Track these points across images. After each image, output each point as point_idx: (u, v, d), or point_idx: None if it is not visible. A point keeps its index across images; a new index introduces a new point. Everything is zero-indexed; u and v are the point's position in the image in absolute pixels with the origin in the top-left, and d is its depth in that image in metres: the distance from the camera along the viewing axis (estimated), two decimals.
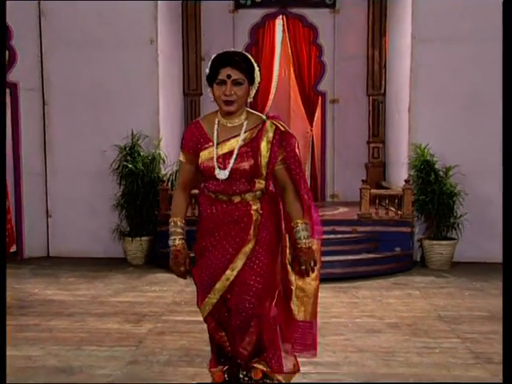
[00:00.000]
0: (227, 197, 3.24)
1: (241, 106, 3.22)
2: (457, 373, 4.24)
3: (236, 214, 3.26)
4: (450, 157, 7.71)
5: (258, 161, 3.18)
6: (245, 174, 3.20)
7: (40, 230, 8.33)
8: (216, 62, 3.19)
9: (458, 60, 7.84)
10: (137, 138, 7.93)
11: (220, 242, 3.29)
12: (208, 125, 3.31)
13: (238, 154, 3.18)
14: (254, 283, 3.26)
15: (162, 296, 6.34)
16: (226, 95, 3.14)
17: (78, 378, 4.15)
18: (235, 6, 9.89)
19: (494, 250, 7.75)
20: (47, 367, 4.35)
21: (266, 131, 3.21)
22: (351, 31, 9.94)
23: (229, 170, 3.18)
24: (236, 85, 3.14)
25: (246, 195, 3.24)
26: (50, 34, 8.17)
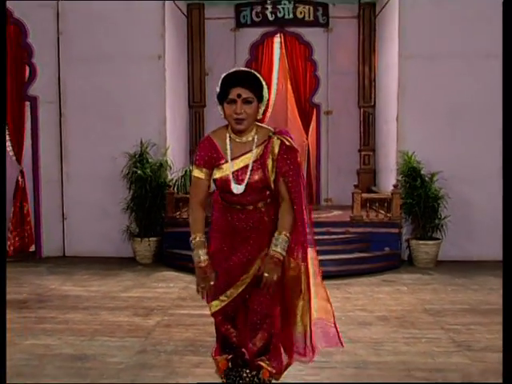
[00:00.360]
0: (241, 206, 3.19)
1: (250, 124, 3.14)
2: (440, 360, 4.27)
3: (251, 221, 3.21)
4: (435, 163, 7.72)
5: (266, 175, 3.13)
6: (257, 186, 3.15)
7: (56, 232, 8.35)
8: (226, 82, 3.10)
9: (440, 75, 7.87)
10: (145, 146, 7.95)
11: (239, 247, 3.25)
12: (220, 141, 3.23)
13: (251, 169, 3.13)
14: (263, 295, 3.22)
15: (168, 292, 6.36)
16: (236, 114, 3.06)
17: (92, 364, 4.19)
18: (236, 25, 9.93)
19: (474, 249, 7.88)
20: (64, 355, 4.39)
21: (272, 147, 3.12)
22: (343, 48, 9.97)
23: (244, 184, 3.12)
24: (246, 103, 3.06)
25: (258, 204, 3.20)
26: (66, 52, 8.22)
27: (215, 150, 3.20)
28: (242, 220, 3.22)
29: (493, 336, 4.79)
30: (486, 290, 6.40)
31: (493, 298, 6.05)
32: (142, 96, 8.13)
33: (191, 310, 5.61)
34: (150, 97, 8.15)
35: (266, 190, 3.18)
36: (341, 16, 9.85)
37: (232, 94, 3.04)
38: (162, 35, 8.13)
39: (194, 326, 5.07)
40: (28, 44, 7.98)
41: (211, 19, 9.85)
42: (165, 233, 7.94)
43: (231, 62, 9.95)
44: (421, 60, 7.89)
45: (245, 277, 3.25)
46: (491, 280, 6.84)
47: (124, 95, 8.14)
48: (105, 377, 3.95)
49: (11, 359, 4.26)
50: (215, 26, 9.86)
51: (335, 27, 9.88)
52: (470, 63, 7.82)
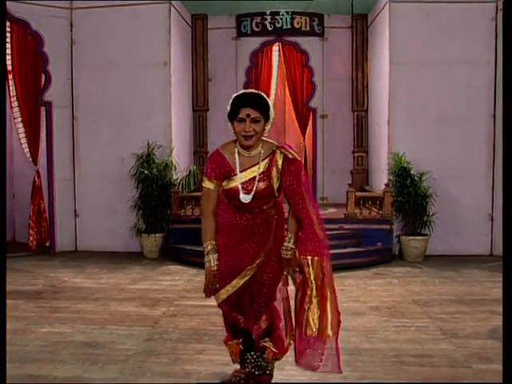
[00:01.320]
0: (249, 209, 3.30)
1: (258, 140, 3.24)
2: (428, 346, 4.30)
3: (258, 220, 3.33)
4: (424, 164, 7.74)
5: (271, 185, 3.24)
6: (263, 195, 3.26)
7: (69, 228, 8.37)
8: (237, 102, 3.21)
9: (429, 81, 7.90)
10: (152, 147, 7.97)
11: (246, 241, 3.34)
12: (229, 155, 3.31)
13: (258, 180, 3.24)
14: (273, 277, 3.37)
15: (173, 284, 6.38)
16: (245, 131, 3.17)
17: (102, 351, 4.22)
18: (238, 34, 9.93)
19: (460, 244, 7.91)
20: (76, 342, 4.42)
21: (276, 160, 3.24)
22: (338, 56, 9.98)
23: (252, 194, 3.23)
24: (254, 122, 3.17)
25: (263, 207, 3.32)
26: (79, 60, 8.25)
27: (225, 164, 3.29)
28: (249, 219, 3.33)
29: (476, 324, 4.84)
30: (470, 282, 6.42)
31: (477, 289, 6.09)
32: (148, 100, 8.15)
33: (195, 301, 5.63)
34: (156, 101, 8.17)
35: (270, 197, 3.29)
36: (335, 26, 9.87)
37: (242, 114, 3.16)
38: (168, 43, 8.14)
39: (197, 316, 5.09)
40: (44, 53, 7.99)
41: (214, 29, 9.87)
42: (170, 229, 7.96)
43: (233, 69, 10.00)
44: (410, 67, 7.91)
45: (249, 268, 3.33)
46: (476, 273, 6.88)
47: (132, 100, 8.16)
48: (114, 362, 3.97)
49: (28, 345, 4.33)
50: (218, 35, 9.87)
51: (330, 36, 9.89)
52: (455, 70, 7.84)
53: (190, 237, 7.68)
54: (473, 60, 7.78)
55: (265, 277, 3.37)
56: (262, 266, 3.35)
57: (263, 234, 3.34)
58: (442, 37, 7.81)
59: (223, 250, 3.36)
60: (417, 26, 7.86)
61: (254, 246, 3.34)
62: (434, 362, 3.99)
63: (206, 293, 3.39)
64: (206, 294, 3.40)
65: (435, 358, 4.05)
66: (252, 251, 3.34)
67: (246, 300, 3.45)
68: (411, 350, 4.22)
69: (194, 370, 3.86)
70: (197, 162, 9.85)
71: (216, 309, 5.17)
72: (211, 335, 4.58)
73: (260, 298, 3.41)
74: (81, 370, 3.84)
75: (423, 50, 7.88)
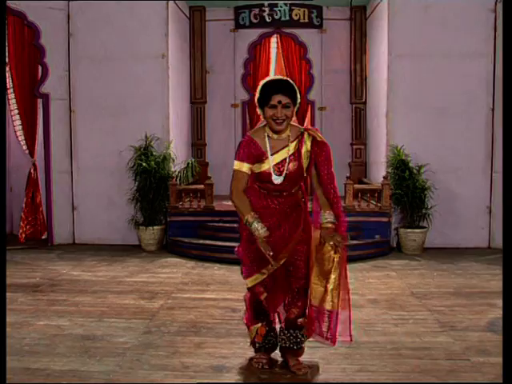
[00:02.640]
0: (280, 192, 3.51)
1: (288, 124, 3.44)
2: (426, 339, 4.30)
3: (289, 204, 3.54)
4: (422, 156, 7.73)
5: (301, 165, 3.46)
6: (294, 175, 3.47)
7: (67, 221, 8.33)
8: (268, 89, 3.39)
9: (427, 73, 7.86)
10: (150, 140, 7.95)
11: (279, 226, 3.51)
12: (260, 140, 3.49)
13: (288, 162, 3.45)
14: (302, 256, 3.54)
15: (171, 277, 6.37)
16: (277, 117, 3.36)
17: (100, 344, 4.21)
18: (236, 26, 9.89)
19: (458, 237, 7.90)
20: (74, 335, 4.41)
21: (305, 142, 3.46)
22: (336, 48, 9.95)
23: (283, 176, 3.46)
24: (285, 108, 3.36)
25: (292, 190, 3.53)
26: (76, 52, 8.18)
27: (257, 148, 3.47)
28: (281, 203, 3.54)
29: (474, 317, 4.83)
30: (468, 274, 6.42)
31: (475, 281, 6.08)
32: (146, 93, 8.11)
33: (193, 293, 5.64)
34: (154, 93, 8.12)
35: (300, 178, 3.52)
36: (334, 18, 9.83)
37: (273, 100, 3.36)
38: (166, 35, 8.09)
39: (195, 309, 5.08)
40: (41, 45, 7.94)
41: (212, 21, 9.84)
42: (168, 222, 7.94)
43: (231, 61, 9.97)
44: (409, 59, 7.87)
45: (285, 252, 3.49)
46: (473, 265, 6.88)
47: (130, 92, 8.11)
48: (112, 355, 3.96)
49: (25, 338, 4.31)
50: (216, 27, 9.85)
51: (329, 28, 9.85)
52: (454, 62, 7.80)
53: (188, 229, 7.76)
54: (472, 52, 7.75)
55: (299, 259, 3.56)
56: (294, 250, 3.52)
57: (296, 218, 3.54)
58: (440, 29, 7.77)
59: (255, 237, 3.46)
60: (416, 18, 7.81)
61: (288, 229, 3.52)
62: (433, 354, 3.99)
63: (273, 260, 3.44)
64: (272, 264, 3.45)
65: (433, 351, 4.05)
66: (286, 235, 3.51)
67: (282, 282, 3.61)
68: (409, 343, 4.21)
69: (191, 363, 3.85)
70: (195, 155, 9.84)
71: (214, 302, 5.28)
72: (209, 328, 4.57)
73: (298, 283, 3.58)
74: (78, 363, 3.83)
75: (422, 43, 7.83)
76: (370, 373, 3.71)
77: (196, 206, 7.93)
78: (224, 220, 7.71)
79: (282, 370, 3.76)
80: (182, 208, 7.92)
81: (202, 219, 7.81)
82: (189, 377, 3.63)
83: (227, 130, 10.11)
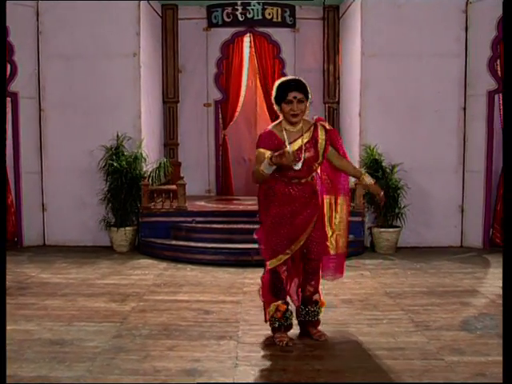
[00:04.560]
0: (298, 179, 4.00)
1: (302, 117, 3.97)
2: (401, 339, 4.27)
3: (308, 190, 4.05)
4: (395, 156, 7.74)
5: (317, 151, 4.00)
6: (311, 161, 3.98)
7: (37, 222, 8.16)
8: (284, 87, 3.96)
9: (400, 72, 7.87)
10: (121, 139, 7.83)
11: (301, 210, 4.02)
12: (278, 132, 4.04)
13: (305, 149, 3.96)
14: (320, 241, 4.12)
15: (143, 279, 6.26)
16: (293, 111, 3.90)
17: (70, 349, 4.08)
18: (208, 25, 9.82)
19: (431, 236, 7.95)
20: (43, 340, 4.28)
21: (320, 132, 4.01)
22: (309, 48, 9.93)
23: (302, 161, 3.95)
24: (299, 103, 3.90)
25: (309, 177, 4.04)
26: (46, 49, 8.01)
27: (276, 138, 4.01)
28: (300, 190, 4.03)
29: (448, 316, 4.82)
30: (441, 273, 6.43)
31: (448, 280, 6.10)
32: (118, 92, 7.99)
33: (165, 295, 5.55)
34: (125, 93, 8.01)
35: (316, 163, 4.02)
36: (307, 17, 9.81)
37: (290, 96, 3.90)
38: (138, 34, 7.97)
39: (167, 311, 4.99)
40: (9, 42, 7.74)
41: (184, 19, 9.74)
42: (140, 222, 7.84)
43: (203, 60, 9.90)
44: (382, 59, 7.86)
45: (304, 234, 4.03)
46: (446, 264, 6.91)
47: (101, 91, 7.98)
48: (82, 360, 3.85)
49: None
50: (188, 25, 9.75)
51: (302, 28, 9.84)
52: (426, 62, 7.82)
53: (161, 230, 7.67)
54: (443, 52, 7.77)
55: (314, 242, 4.09)
56: (310, 233, 4.05)
57: (315, 203, 4.07)
58: (413, 29, 7.79)
59: (280, 221, 4.02)
60: (388, 18, 7.82)
61: (307, 214, 4.03)
62: (407, 354, 3.96)
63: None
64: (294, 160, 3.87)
65: (408, 351, 4.02)
66: (306, 220, 4.02)
67: (298, 263, 4.18)
68: (384, 343, 4.18)
69: (163, 366, 3.76)
70: (167, 154, 9.73)
71: (186, 304, 5.21)
72: (181, 331, 4.49)
73: (315, 264, 4.16)
74: (47, 369, 3.71)
75: (395, 42, 7.85)
76: (345, 374, 3.67)
77: (168, 207, 7.84)
78: (197, 220, 7.66)
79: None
80: (154, 209, 7.83)
81: (175, 220, 7.72)
82: (160, 381, 3.55)
83: (200, 129, 10.04)
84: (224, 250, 7.07)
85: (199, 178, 9.90)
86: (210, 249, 7.13)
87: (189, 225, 7.64)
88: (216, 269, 6.67)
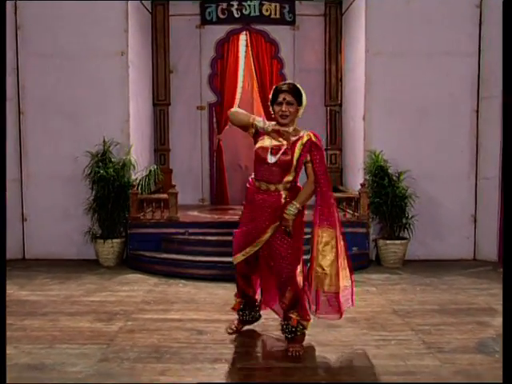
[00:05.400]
0: (266, 186, 4.29)
1: (291, 120, 4.25)
2: (411, 362, 4.18)
3: (270, 200, 4.28)
4: (402, 162, 7.68)
5: (292, 157, 4.19)
6: (283, 164, 4.21)
7: (16, 234, 8.03)
8: (277, 89, 4.28)
9: (408, 72, 7.82)
10: (108, 145, 7.75)
11: (257, 218, 4.33)
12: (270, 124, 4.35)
13: (283, 151, 4.20)
14: (287, 254, 4.29)
15: (132, 295, 6.15)
16: (282, 111, 4.21)
17: (50, 375, 3.97)
18: (202, 22, 9.75)
19: (441, 248, 7.88)
20: (20, 365, 4.15)
21: (302, 139, 4.22)
22: (310, 46, 9.88)
23: (277, 158, 4.21)
24: (289, 104, 4.20)
25: (278, 185, 4.27)
26: (25, 47, 7.93)
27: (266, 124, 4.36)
28: (264, 199, 4.31)
29: (463, 337, 4.73)
30: (454, 289, 6.35)
31: (461, 297, 6.01)
32: (104, 93, 7.91)
33: (155, 314, 5.45)
34: (112, 94, 7.93)
35: (287, 173, 4.24)
36: (307, 14, 9.76)
37: (280, 98, 4.23)
38: (126, 31, 7.89)
39: (158, 331, 4.90)
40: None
41: (176, 16, 9.67)
42: (128, 234, 7.74)
43: (196, 60, 9.84)
44: (388, 58, 7.81)
45: (259, 240, 4.34)
46: (459, 279, 6.82)
47: (86, 92, 7.90)
48: None
49: None
50: (180, 22, 9.68)
51: (302, 25, 9.79)
52: (437, 61, 7.77)
53: (151, 243, 7.57)
54: (455, 50, 7.72)
55: (278, 255, 4.31)
56: (271, 242, 4.33)
57: (272, 212, 4.27)
58: (422, 25, 7.73)
59: (243, 221, 4.51)
60: (395, 13, 7.76)
61: (261, 221, 4.31)
62: (419, 379, 3.88)
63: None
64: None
65: (419, 376, 3.94)
66: (262, 227, 4.31)
67: (255, 270, 4.60)
68: (393, 367, 4.09)
69: None
70: (157, 161, 9.66)
71: (178, 323, 5.12)
72: (173, 353, 4.39)
73: (280, 278, 4.35)
74: None
75: (402, 40, 7.79)
76: None
77: (159, 217, 7.75)
78: (190, 232, 7.56)
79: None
80: (143, 219, 7.73)
81: (166, 231, 7.63)
82: None
83: (193, 134, 9.96)
84: (219, 263, 6.95)
85: (192, 186, 9.83)
86: (203, 263, 7.03)
87: (181, 237, 7.54)
88: (210, 284, 6.57)
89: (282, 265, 4.30)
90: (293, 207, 4.19)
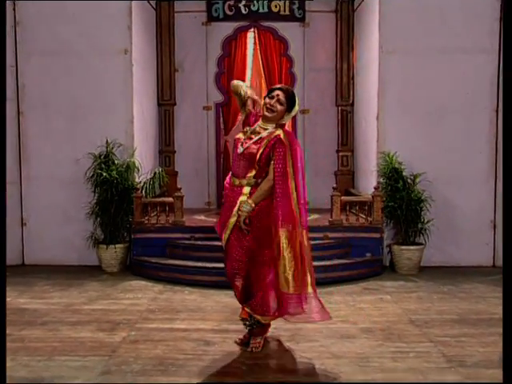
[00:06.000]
0: (233, 180, 4.45)
1: (275, 117, 4.36)
2: (432, 377, 4.05)
3: (233, 195, 4.44)
4: (417, 164, 7.58)
5: (258, 151, 4.30)
6: (248, 155, 4.33)
7: (15, 238, 7.97)
8: (274, 88, 4.44)
9: (424, 71, 7.72)
10: (111, 146, 7.68)
11: (224, 211, 4.56)
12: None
13: (253, 142, 4.35)
14: (238, 254, 4.41)
15: (136, 303, 6.06)
16: (270, 105, 4.34)
17: None
18: (208, 19, 9.71)
19: (459, 254, 7.78)
20: (17, 378, 4.04)
21: (271, 135, 4.33)
22: (320, 44, 9.83)
23: (244, 148, 4.36)
24: (278, 102, 4.34)
25: (242, 180, 4.39)
26: (25, 44, 7.88)
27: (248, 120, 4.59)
28: (230, 195, 4.47)
29: (485, 349, 4.59)
30: (473, 298, 6.21)
31: (481, 306, 5.88)
32: (107, 93, 7.85)
33: (160, 323, 5.34)
34: (115, 94, 7.86)
35: (251, 169, 4.34)
36: (318, 10, 9.71)
37: (274, 93, 4.38)
38: (129, 28, 7.83)
39: (163, 342, 4.78)
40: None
41: (181, 12, 9.63)
42: (132, 239, 7.66)
43: (202, 58, 9.79)
44: (402, 55, 7.71)
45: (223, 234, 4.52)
46: (478, 287, 6.68)
47: (88, 92, 7.84)
48: None
49: None
50: (186, 19, 9.64)
51: (312, 22, 9.73)
52: (454, 59, 7.67)
53: (155, 248, 7.50)
54: (474, 47, 7.60)
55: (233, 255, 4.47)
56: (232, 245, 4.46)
57: (230, 207, 4.43)
58: (439, 21, 7.63)
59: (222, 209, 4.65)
60: (411, 8, 7.65)
61: (225, 217, 4.49)
62: None
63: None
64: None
65: None
66: (223, 221, 4.52)
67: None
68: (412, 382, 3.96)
69: None
70: (162, 163, 9.61)
71: (184, 333, 5.01)
72: (179, 366, 4.28)
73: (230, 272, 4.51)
74: None
75: (418, 37, 7.68)
76: None
77: (164, 222, 7.67)
78: (196, 237, 7.47)
79: None
80: (147, 224, 7.65)
81: (171, 236, 7.54)
82: None
83: (199, 135, 9.91)
84: None
85: (198, 188, 9.78)
86: (210, 269, 6.92)
87: (187, 242, 7.46)
88: (217, 292, 6.44)
89: (232, 263, 4.47)
90: (246, 205, 4.27)
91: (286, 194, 4.20)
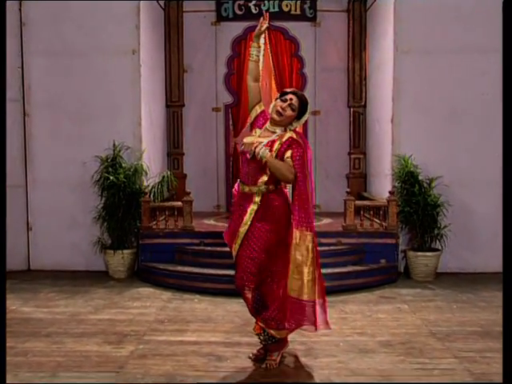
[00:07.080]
0: (243, 187, 4.26)
1: (284, 122, 4.19)
2: None
3: (243, 203, 4.28)
4: (434, 168, 7.37)
5: (271, 151, 4.08)
6: (259, 162, 4.07)
7: (20, 243, 7.82)
8: (288, 91, 4.27)
9: (439, 71, 7.51)
10: (118, 149, 7.50)
11: (234, 219, 4.37)
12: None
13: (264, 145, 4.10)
14: (248, 266, 4.20)
15: (144, 313, 5.81)
16: (281, 108, 4.15)
17: None
18: (217, 19, 9.55)
19: (476, 260, 7.56)
20: None
21: (283, 137, 4.15)
22: (332, 44, 9.65)
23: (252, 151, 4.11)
24: (290, 106, 4.17)
25: (252, 187, 4.20)
26: (31, 44, 7.74)
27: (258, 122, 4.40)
28: (241, 203, 4.30)
29: None
30: (494, 307, 5.90)
31: None
32: (114, 94, 7.69)
33: (170, 335, 5.09)
34: (123, 95, 7.70)
35: (262, 174, 4.14)
36: (329, 9, 9.53)
37: (287, 96, 4.21)
38: (137, 28, 7.66)
39: (172, 357, 4.52)
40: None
41: (190, 12, 9.47)
42: (140, 245, 7.46)
43: (212, 59, 9.66)
44: (418, 55, 7.50)
45: (234, 245, 4.32)
46: (498, 296, 6.34)
47: (95, 93, 7.69)
48: None
49: None
50: (195, 19, 9.48)
51: (323, 21, 9.54)
52: (471, 59, 7.45)
53: (164, 254, 7.32)
54: (491, 47, 7.25)
55: (242, 265, 4.26)
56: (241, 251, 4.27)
57: (241, 215, 4.25)
58: (455, 20, 7.42)
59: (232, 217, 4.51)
60: (427, 7, 7.42)
61: (236, 224, 4.29)
62: None
63: None
64: None
65: None
66: (233, 231, 4.34)
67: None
68: None
69: None
70: (171, 166, 9.44)
71: (195, 346, 4.74)
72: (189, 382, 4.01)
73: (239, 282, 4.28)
74: None
75: (434, 36, 7.47)
76: None
77: (173, 227, 7.45)
78: (206, 243, 7.25)
79: None
80: (156, 229, 7.44)
81: (180, 242, 7.34)
82: None
83: (208, 137, 9.75)
84: None
85: (207, 191, 9.61)
86: (220, 276, 6.68)
87: (196, 248, 7.26)
88: (228, 300, 6.18)
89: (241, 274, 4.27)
90: (266, 149, 4.05)
91: (306, 195, 4.11)
